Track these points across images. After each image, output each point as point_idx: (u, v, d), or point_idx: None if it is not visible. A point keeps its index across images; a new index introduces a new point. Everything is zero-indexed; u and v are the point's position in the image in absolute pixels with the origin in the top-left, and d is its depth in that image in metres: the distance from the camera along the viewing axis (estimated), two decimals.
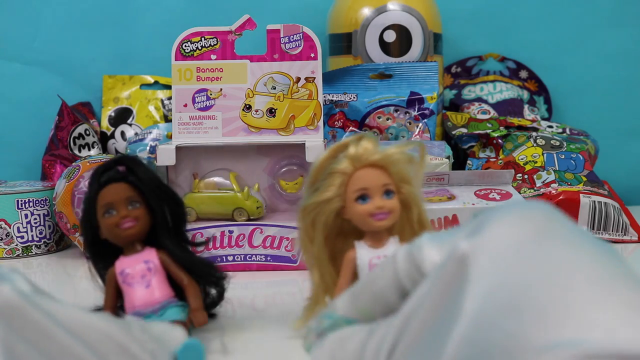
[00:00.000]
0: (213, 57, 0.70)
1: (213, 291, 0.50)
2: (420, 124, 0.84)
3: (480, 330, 0.26)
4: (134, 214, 0.45)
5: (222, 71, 0.70)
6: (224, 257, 0.67)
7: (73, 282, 0.69)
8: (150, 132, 0.95)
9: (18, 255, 0.76)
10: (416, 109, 0.84)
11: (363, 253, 0.45)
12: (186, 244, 0.49)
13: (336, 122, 0.85)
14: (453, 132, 0.89)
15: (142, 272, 0.46)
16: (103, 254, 0.48)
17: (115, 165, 0.46)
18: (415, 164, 0.45)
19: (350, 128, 0.85)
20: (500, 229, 0.28)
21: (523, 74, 1.02)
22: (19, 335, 0.31)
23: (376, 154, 0.44)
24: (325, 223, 0.45)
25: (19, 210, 0.76)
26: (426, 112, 0.84)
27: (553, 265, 0.26)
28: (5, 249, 0.75)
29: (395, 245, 0.46)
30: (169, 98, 0.99)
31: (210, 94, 0.70)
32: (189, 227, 0.49)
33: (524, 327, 0.24)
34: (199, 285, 0.47)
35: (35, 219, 0.76)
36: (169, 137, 0.94)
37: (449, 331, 0.27)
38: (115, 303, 0.47)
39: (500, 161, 0.84)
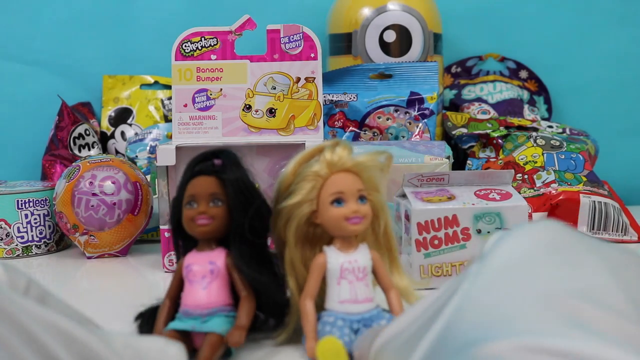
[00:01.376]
0: (213, 57, 0.70)
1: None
2: (420, 124, 0.84)
3: (446, 331, 0.30)
4: (212, 212, 0.44)
5: (222, 71, 0.70)
6: None
7: (73, 282, 0.69)
8: (150, 132, 0.95)
9: (18, 255, 0.76)
10: (416, 109, 0.84)
11: (334, 257, 0.45)
12: (264, 257, 0.47)
13: (336, 122, 0.85)
14: (453, 132, 0.89)
15: (204, 273, 0.45)
16: (185, 240, 0.47)
17: (212, 157, 0.46)
18: (384, 173, 0.46)
19: (350, 128, 0.85)
20: (501, 249, 0.32)
21: (523, 74, 1.02)
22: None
23: (350, 160, 0.45)
24: (297, 227, 0.45)
25: (19, 210, 0.76)
26: (426, 112, 0.84)
27: (517, 281, 0.30)
28: (5, 249, 0.75)
29: (365, 251, 0.45)
30: (169, 98, 0.99)
31: (210, 94, 0.70)
32: None
33: (475, 326, 0.29)
34: (265, 301, 0.46)
35: (35, 219, 0.76)
36: (169, 137, 0.94)
37: (429, 329, 0.32)
38: (177, 293, 0.46)
39: (500, 161, 0.84)
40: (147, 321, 0.47)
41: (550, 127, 0.92)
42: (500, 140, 0.86)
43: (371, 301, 0.45)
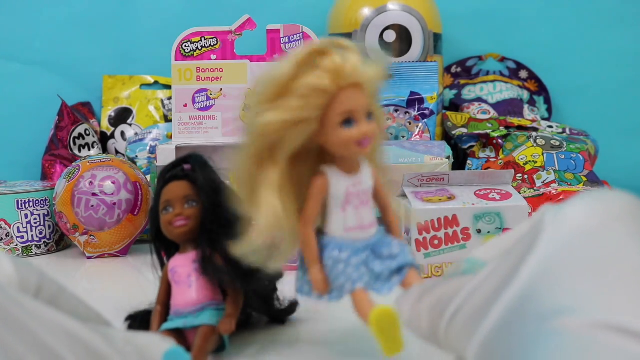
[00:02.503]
0: (213, 57, 0.70)
1: (285, 299, 0.50)
2: (420, 124, 0.84)
3: (523, 298, 0.29)
4: (187, 213, 0.45)
5: (222, 71, 0.70)
6: None
7: (73, 282, 0.69)
8: (150, 132, 0.95)
9: (18, 255, 0.76)
10: (416, 109, 0.84)
11: (337, 180, 0.40)
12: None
13: None
14: (453, 132, 0.89)
15: (189, 272, 0.45)
16: (166, 249, 0.48)
17: (182, 163, 0.47)
18: (382, 81, 0.40)
19: None
20: (577, 208, 0.30)
21: (523, 74, 1.02)
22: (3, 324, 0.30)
23: (360, 71, 0.38)
24: (294, 146, 0.38)
25: (19, 210, 0.76)
26: (426, 112, 0.84)
27: (601, 253, 0.29)
28: (5, 249, 0.75)
29: (367, 170, 0.41)
30: (169, 98, 0.99)
31: (210, 94, 0.70)
32: None
33: (553, 296, 0.28)
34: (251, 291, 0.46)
35: (35, 219, 0.76)
36: (169, 137, 0.94)
37: (501, 293, 0.30)
38: (167, 298, 0.47)
39: (500, 161, 0.84)
40: (139, 326, 0.48)
41: (550, 127, 0.92)
42: (500, 140, 0.86)
43: (375, 225, 0.41)
